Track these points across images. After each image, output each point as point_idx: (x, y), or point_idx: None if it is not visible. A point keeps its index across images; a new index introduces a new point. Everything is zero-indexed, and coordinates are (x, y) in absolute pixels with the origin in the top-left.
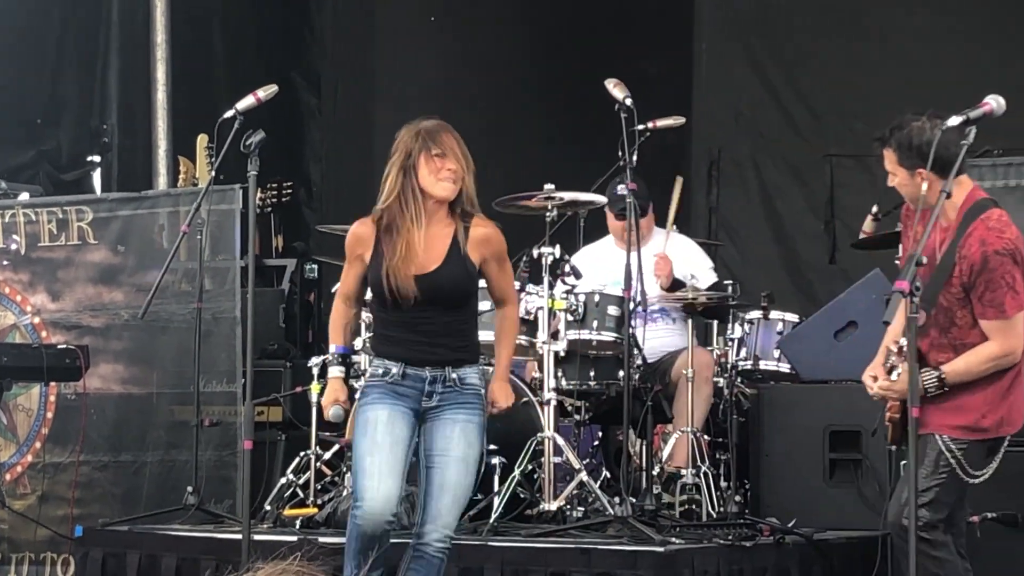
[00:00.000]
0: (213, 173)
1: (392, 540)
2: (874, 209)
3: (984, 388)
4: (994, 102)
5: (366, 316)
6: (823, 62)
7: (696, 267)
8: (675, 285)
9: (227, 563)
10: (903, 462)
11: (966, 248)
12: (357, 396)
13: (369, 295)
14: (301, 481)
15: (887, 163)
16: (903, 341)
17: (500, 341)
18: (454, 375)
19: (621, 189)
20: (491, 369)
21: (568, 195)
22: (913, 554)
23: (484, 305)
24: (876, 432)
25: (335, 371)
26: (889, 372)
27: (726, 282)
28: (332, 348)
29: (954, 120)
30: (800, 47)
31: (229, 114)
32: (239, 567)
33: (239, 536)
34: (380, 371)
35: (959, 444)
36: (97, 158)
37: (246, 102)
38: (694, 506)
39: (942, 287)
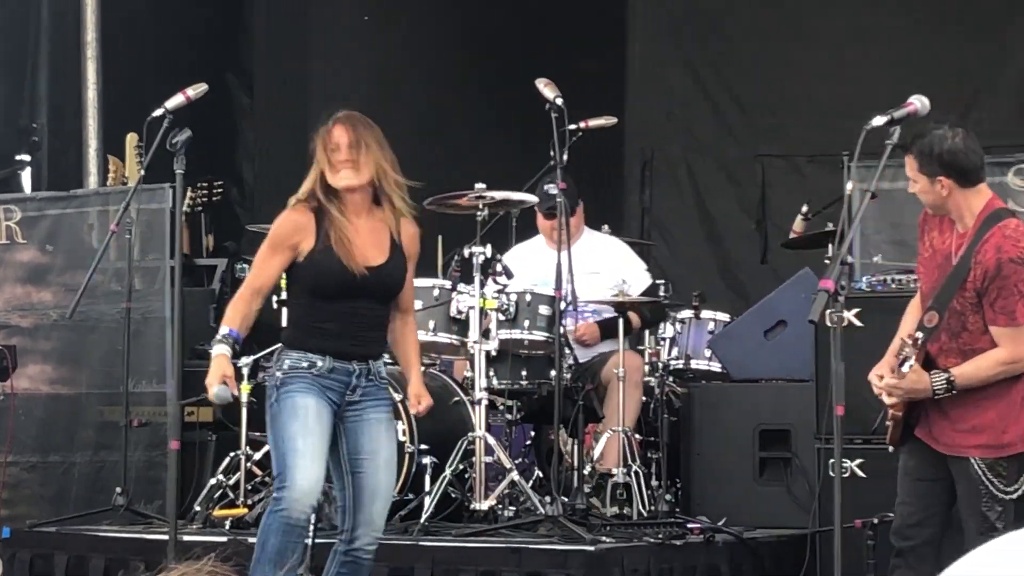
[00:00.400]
0: (143, 172)
1: (317, 540)
2: (804, 209)
3: (995, 404)
4: (918, 102)
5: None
6: (755, 63)
7: (629, 271)
8: (605, 332)
9: (156, 564)
10: (831, 460)
11: (982, 254)
12: (270, 388)
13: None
14: (231, 481)
15: (908, 170)
16: (919, 334)
17: (411, 346)
18: (371, 368)
19: (550, 188)
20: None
21: (499, 194)
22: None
23: (418, 303)
24: (876, 430)
25: (222, 348)
26: (901, 364)
27: (658, 282)
28: (224, 330)
29: (878, 120)
30: (732, 48)
31: (158, 113)
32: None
33: (167, 536)
34: (304, 364)
35: (988, 463)
36: (27, 157)
37: (175, 100)
38: (625, 505)
39: (956, 291)
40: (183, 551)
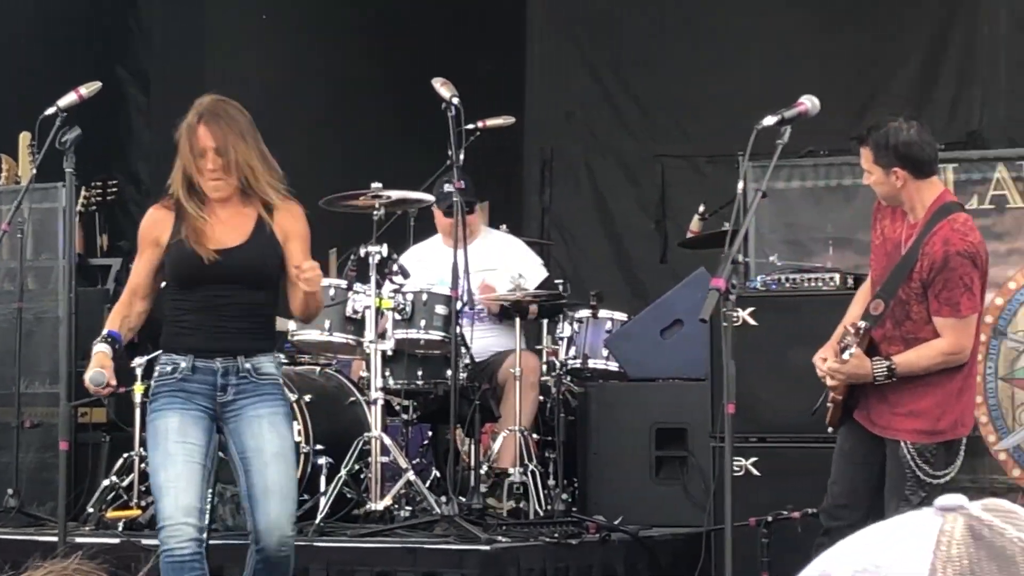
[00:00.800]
0: (35, 171)
1: (232, 541)
2: (701, 208)
3: (934, 391)
4: (809, 102)
5: None
6: (655, 63)
7: (524, 266)
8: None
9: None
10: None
11: (929, 246)
12: (151, 395)
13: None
14: (125, 483)
15: (863, 161)
16: (861, 323)
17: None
18: (247, 365)
19: (448, 187)
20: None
21: (395, 194)
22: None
23: None
24: (816, 412)
25: (102, 347)
26: (842, 351)
27: (556, 280)
28: (105, 331)
29: (769, 120)
30: (632, 48)
31: (51, 111)
32: None
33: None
34: (168, 368)
35: (919, 447)
36: None
37: (68, 99)
38: (521, 505)
39: (903, 281)
40: (74, 553)
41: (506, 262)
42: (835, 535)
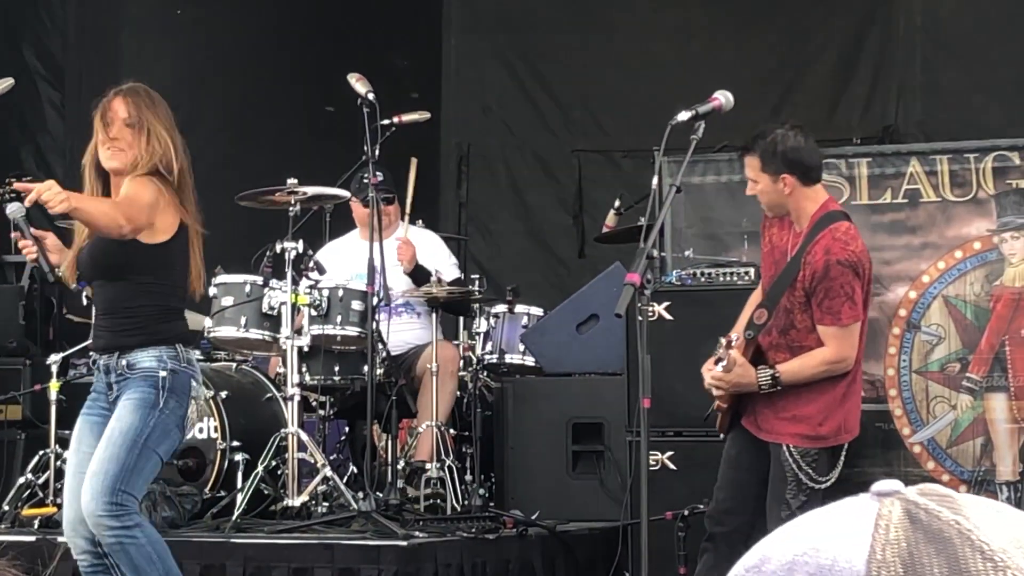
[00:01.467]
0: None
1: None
2: (616, 203)
3: (818, 397)
4: (723, 97)
5: None
6: (570, 58)
7: (439, 262)
8: (418, 271)
9: None
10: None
11: (811, 255)
12: None
13: None
14: (40, 480)
15: (749, 170)
16: (734, 336)
17: None
18: (123, 362)
19: (367, 178)
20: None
21: (311, 189)
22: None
23: (230, 299)
24: (708, 418)
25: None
26: (716, 363)
27: (472, 276)
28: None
29: (683, 115)
30: (547, 43)
31: None
32: None
33: None
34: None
35: (801, 452)
36: None
37: None
38: (439, 500)
39: (786, 289)
40: None
41: (422, 257)
42: (719, 540)
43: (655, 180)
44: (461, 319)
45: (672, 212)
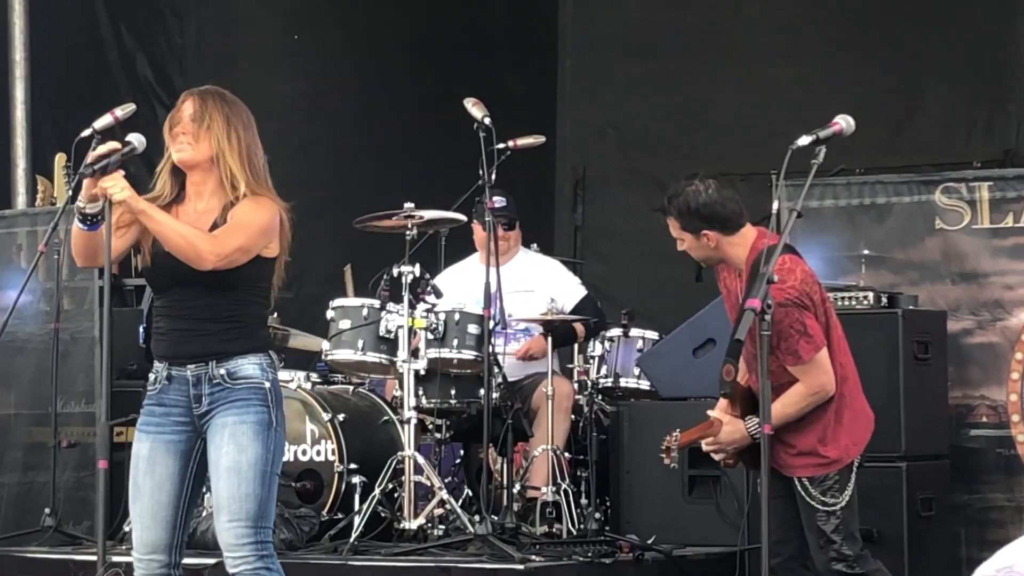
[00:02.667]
0: (71, 192)
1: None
2: None
3: (813, 427)
4: (844, 122)
5: None
6: (686, 81)
7: (562, 286)
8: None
9: None
10: (759, 479)
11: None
12: None
13: None
14: None
15: (672, 230)
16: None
17: None
18: (221, 370)
19: (497, 200)
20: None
21: (428, 213)
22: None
23: (347, 323)
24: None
25: None
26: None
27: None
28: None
29: (804, 139)
30: (663, 65)
31: (87, 133)
32: None
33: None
34: (151, 379)
35: (815, 480)
36: None
37: (103, 121)
38: (555, 528)
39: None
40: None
41: (542, 284)
42: (779, 571)
43: (775, 204)
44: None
45: (790, 235)
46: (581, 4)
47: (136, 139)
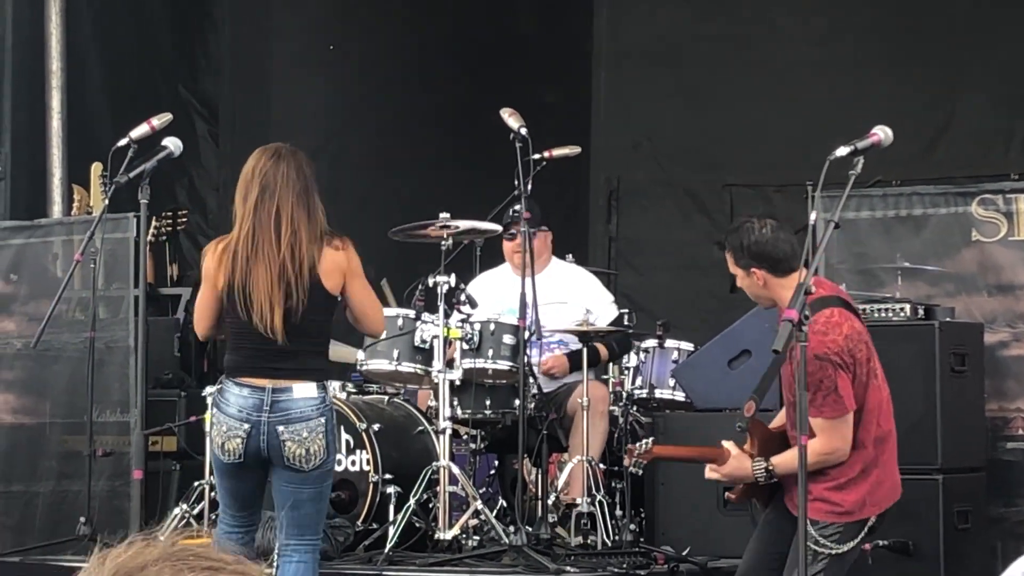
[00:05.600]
0: (107, 202)
1: None
2: None
3: (831, 476)
4: (882, 133)
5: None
6: (721, 92)
7: (595, 302)
8: (574, 364)
9: None
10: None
11: (795, 350)
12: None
13: None
14: (195, 511)
15: (729, 265)
16: (738, 424)
17: None
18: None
19: (516, 211)
20: None
21: (464, 224)
22: None
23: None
24: (726, 505)
25: None
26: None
27: (623, 311)
28: None
29: (842, 150)
30: (698, 77)
31: (123, 142)
32: None
33: None
34: None
35: (822, 525)
36: None
37: (140, 130)
38: (589, 535)
39: (772, 380)
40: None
41: (575, 296)
42: None
43: (812, 215)
44: None
45: (826, 247)
46: (616, 16)
47: (172, 143)
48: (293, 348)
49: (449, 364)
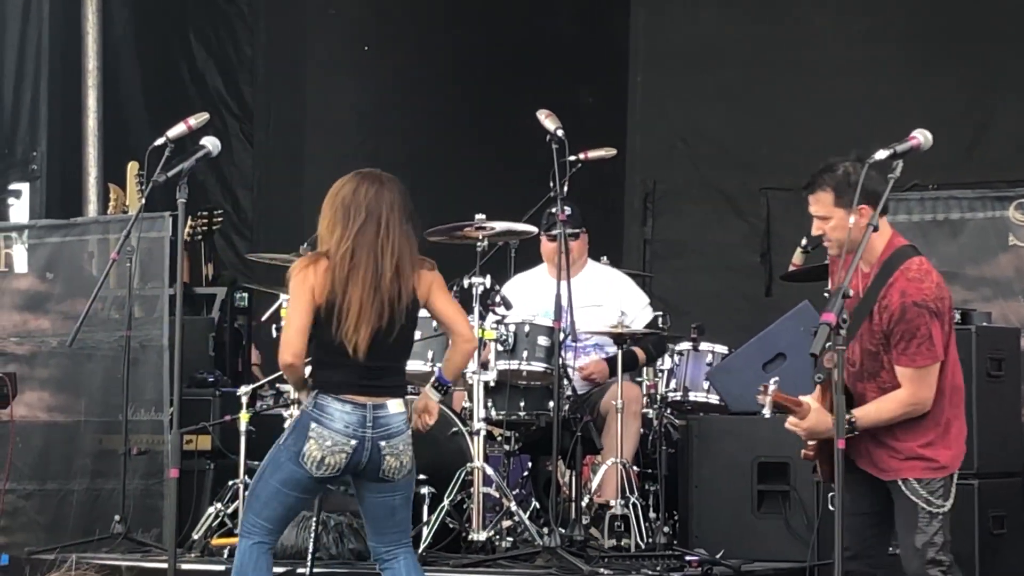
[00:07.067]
0: (143, 201)
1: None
2: (803, 242)
3: (921, 434)
4: (921, 136)
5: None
6: (758, 94)
7: (631, 305)
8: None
9: None
10: (831, 494)
11: (887, 299)
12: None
13: None
14: (229, 510)
15: (819, 207)
16: (818, 375)
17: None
18: None
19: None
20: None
21: (500, 225)
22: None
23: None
24: (816, 470)
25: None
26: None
27: (657, 313)
28: None
29: (881, 154)
30: (735, 79)
31: (160, 142)
32: None
33: (166, 565)
34: None
35: (925, 483)
36: (21, 186)
37: (177, 130)
38: (623, 542)
39: (861, 325)
40: None
41: (611, 299)
42: None
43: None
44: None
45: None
46: (653, 17)
47: (211, 143)
48: (387, 366)
49: (484, 366)
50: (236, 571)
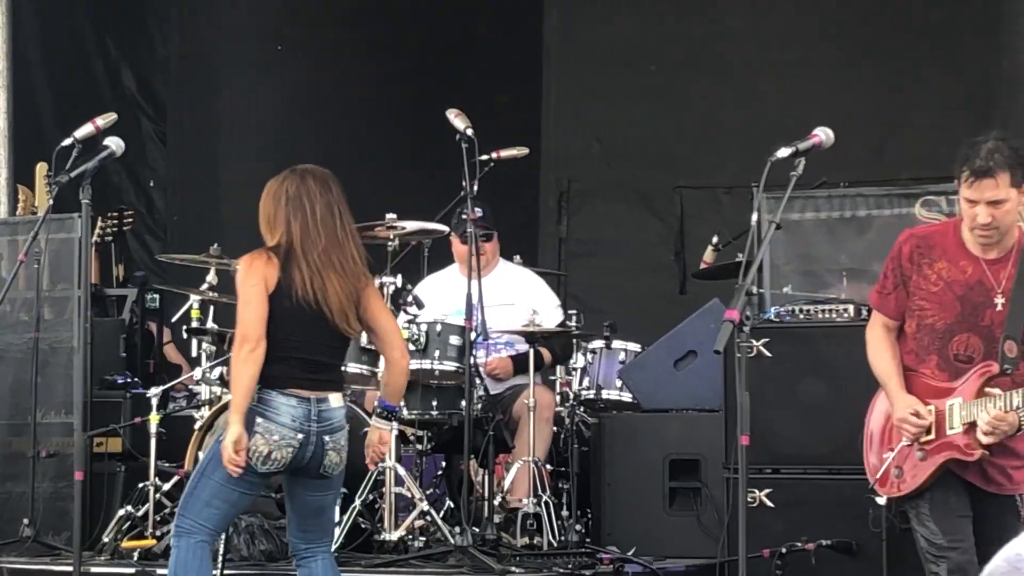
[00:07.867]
0: (51, 202)
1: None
2: (714, 240)
3: None
4: (823, 134)
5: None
6: (673, 94)
7: (541, 304)
8: (518, 367)
9: None
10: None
11: None
12: None
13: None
14: (140, 512)
15: (997, 191)
16: (1007, 366)
17: None
18: None
19: (476, 211)
20: None
21: (411, 224)
22: None
23: None
24: (872, 488)
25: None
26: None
27: (570, 312)
28: None
29: (783, 151)
30: (648, 79)
31: (67, 142)
32: None
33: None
34: None
35: None
36: None
37: (84, 130)
38: (536, 540)
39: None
40: None
41: (522, 297)
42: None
43: (754, 216)
44: None
45: (771, 248)
46: (566, 17)
47: (114, 143)
48: (328, 362)
49: None
50: (178, 571)
